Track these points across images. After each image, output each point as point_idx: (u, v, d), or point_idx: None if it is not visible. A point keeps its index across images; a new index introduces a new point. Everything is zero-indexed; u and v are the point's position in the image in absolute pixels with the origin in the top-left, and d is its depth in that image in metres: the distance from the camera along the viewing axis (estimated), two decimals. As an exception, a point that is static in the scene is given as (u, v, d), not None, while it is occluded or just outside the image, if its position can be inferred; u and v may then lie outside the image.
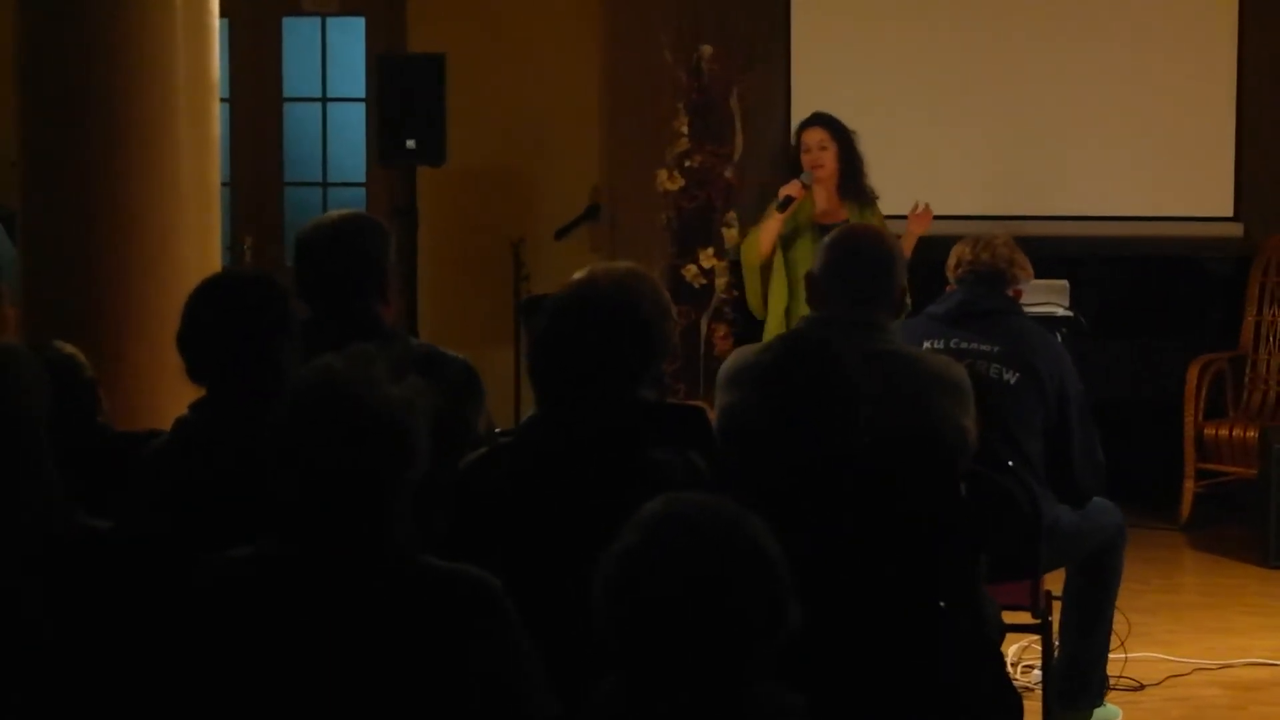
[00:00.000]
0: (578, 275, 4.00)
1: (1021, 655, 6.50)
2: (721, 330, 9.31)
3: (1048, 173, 9.65)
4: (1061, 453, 5.69)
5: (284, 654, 2.99)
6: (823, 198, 7.78)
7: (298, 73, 10.40)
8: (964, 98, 9.64)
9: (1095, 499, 5.83)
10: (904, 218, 7.86)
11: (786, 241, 7.70)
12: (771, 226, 7.71)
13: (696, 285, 9.32)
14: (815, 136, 7.82)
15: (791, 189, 7.68)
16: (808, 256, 7.39)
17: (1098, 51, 9.64)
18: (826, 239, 5.16)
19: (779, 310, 7.67)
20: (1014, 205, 9.50)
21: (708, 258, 9.33)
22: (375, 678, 2.97)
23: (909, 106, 9.56)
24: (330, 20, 10.40)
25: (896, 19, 9.69)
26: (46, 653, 3.17)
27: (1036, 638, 5.73)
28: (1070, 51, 9.63)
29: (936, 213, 7.90)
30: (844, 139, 7.81)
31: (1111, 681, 6.15)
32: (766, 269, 7.76)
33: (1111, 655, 6.04)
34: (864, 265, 4.91)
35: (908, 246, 7.33)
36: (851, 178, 7.80)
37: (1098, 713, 6.00)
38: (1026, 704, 4.44)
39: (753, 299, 7.96)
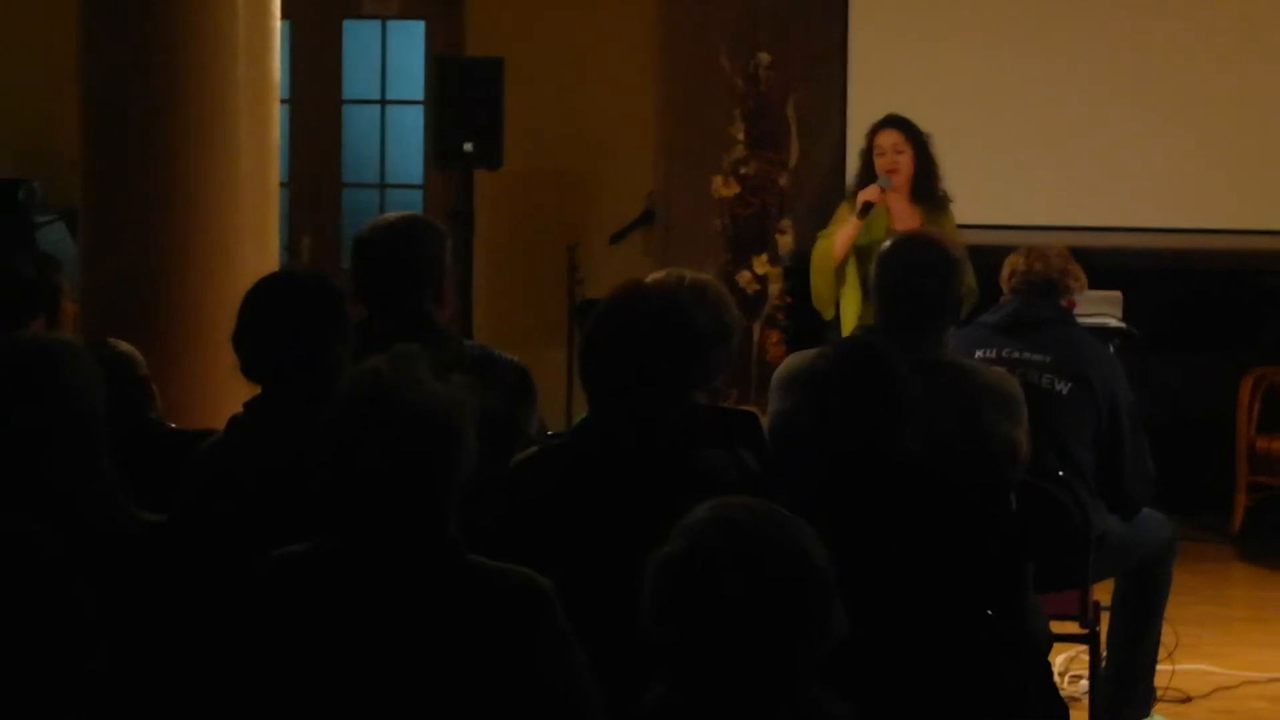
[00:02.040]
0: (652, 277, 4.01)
1: (1069, 665, 6.48)
2: (774, 336, 9.31)
3: (1104, 183, 9.61)
4: (1112, 463, 5.68)
5: (337, 651, 3.01)
6: (898, 206, 7.37)
7: (357, 75, 10.44)
8: (1020, 108, 9.61)
9: (1146, 510, 5.82)
10: (976, 227, 7.63)
11: (863, 254, 7.28)
12: (848, 232, 7.33)
13: (750, 291, 9.31)
14: (890, 139, 7.41)
15: (870, 194, 7.27)
16: None
17: (1155, 62, 9.60)
18: (884, 247, 5.14)
19: (853, 320, 7.31)
20: (1069, 216, 9.46)
21: (761, 264, 9.33)
22: (426, 674, 2.99)
23: (965, 116, 9.52)
24: (390, 23, 10.44)
25: (954, 29, 9.66)
26: (102, 647, 3.20)
27: (1084, 647, 5.72)
28: (1127, 63, 9.60)
29: (992, 222, 7.79)
30: (919, 142, 7.42)
31: (1159, 693, 6.12)
32: (839, 274, 7.40)
33: (1159, 666, 6.03)
34: (919, 275, 4.91)
35: None
36: (926, 181, 7.39)
37: (1145, 724, 6.00)
38: (1073, 714, 4.43)
39: (820, 296, 7.65)
